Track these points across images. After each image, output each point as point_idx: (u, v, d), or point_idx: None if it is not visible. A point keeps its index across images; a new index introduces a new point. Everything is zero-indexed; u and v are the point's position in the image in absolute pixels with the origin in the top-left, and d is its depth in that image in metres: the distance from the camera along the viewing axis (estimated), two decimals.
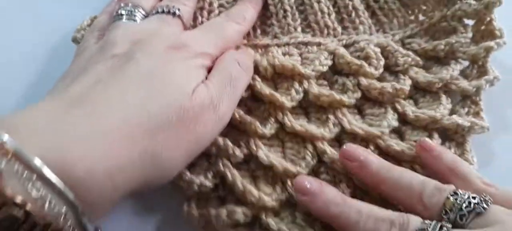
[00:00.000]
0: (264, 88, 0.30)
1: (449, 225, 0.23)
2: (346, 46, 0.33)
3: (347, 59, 0.31)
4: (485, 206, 0.23)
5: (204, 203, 0.27)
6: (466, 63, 0.34)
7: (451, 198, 0.24)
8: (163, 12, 0.30)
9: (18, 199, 0.18)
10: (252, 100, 0.31)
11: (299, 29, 0.34)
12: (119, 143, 0.22)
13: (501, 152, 0.32)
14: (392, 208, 0.26)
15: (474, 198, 0.24)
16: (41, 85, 0.34)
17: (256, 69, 0.31)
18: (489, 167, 0.31)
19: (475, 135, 0.31)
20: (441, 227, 0.23)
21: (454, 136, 0.30)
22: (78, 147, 0.21)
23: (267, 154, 0.28)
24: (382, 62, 0.32)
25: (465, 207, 0.23)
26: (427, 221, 0.23)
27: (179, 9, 0.31)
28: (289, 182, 0.27)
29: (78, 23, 0.34)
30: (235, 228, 0.26)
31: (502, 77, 0.33)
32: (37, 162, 0.19)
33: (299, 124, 0.29)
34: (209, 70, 0.29)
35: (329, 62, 0.32)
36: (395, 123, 0.30)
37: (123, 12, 0.30)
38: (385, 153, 0.29)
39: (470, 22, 0.34)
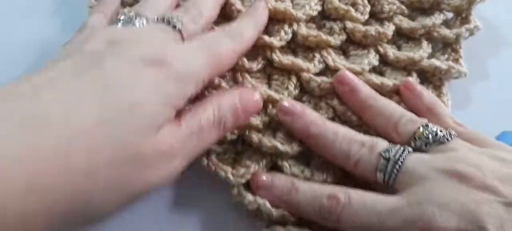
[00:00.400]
0: None
1: (411, 149, 0.26)
2: None
3: (335, 4, 0.33)
4: (448, 137, 0.26)
5: None
6: (451, 15, 0.35)
7: (421, 129, 0.27)
8: (163, 21, 0.27)
9: None
10: None
11: None
12: (50, 166, 0.18)
13: (477, 97, 0.34)
14: None
15: (441, 131, 0.26)
16: None
17: None
18: (465, 110, 0.33)
19: (453, 80, 0.33)
20: (403, 150, 0.25)
21: (432, 79, 0.32)
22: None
23: (252, 83, 0.30)
24: (368, 8, 0.34)
25: (432, 138, 0.26)
26: (392, 144, 0.26)
27: (182, 24, 0.27)
28: (270, 106, 0.29)
29: None
30: (221, 144, 0.29)
31: (486, 31, 0.34)
32: None
33: (286, 58, 0.31)
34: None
35: (319, 8, 0.34)
36: (375, 62, 0.32)
37: (121, 17, 0.27)
38: None
39: None
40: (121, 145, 0.20)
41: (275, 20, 0.33)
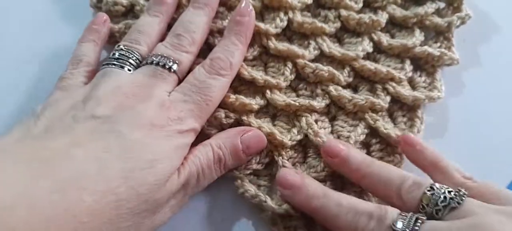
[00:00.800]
0: None
1: (424, 217, 0.24)
2: None
3: None
4: (459, 200, 0.24)
5: None
6: (443, 4, 0.36)
7: (428, 193, 0.24)
8: (158, 64, 0.28)
9: None
10: None
11: None
12: (90, 220, 0.21)
13: (470, 83, 0.34)
14: None
15: (449, 192, 0.24)
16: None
17: None
18: (459, 97, 0.33)
19: (446, 67, 0.33)
20: (416, 219, 0.23)
21: (425, 66, 0.33)
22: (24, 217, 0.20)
23: (249, 71, 0.30)
24: None
25: (441, 202, 0.24)
26: (403, 213, 0.24)
27: (177, 64, 0.28)
28: (268, 92, 0.30)
29: None
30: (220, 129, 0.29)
31: (477, 19, 0.35)
32: None
33: (282, 44, 0.31)
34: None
35: None
36: (369, 49, 0.32)
37: (116, 55, 0.29)
38: (360, 75, 0.32)
39: None
40: (142, 196, 0.23)
41: (271, 8, 0.34)
